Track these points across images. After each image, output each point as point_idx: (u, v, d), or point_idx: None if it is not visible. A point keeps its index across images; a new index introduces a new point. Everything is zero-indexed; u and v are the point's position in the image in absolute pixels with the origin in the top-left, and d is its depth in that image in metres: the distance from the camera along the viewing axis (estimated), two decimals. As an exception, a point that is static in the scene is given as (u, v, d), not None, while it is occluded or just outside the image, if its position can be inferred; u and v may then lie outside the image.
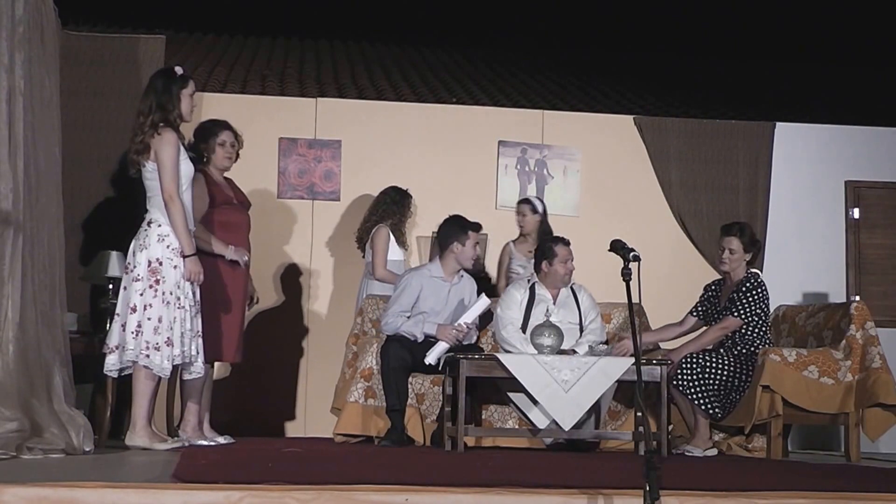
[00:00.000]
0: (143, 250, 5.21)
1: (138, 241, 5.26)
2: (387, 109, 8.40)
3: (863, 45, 16.28)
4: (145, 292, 5.17)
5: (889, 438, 6.82)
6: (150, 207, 5.31)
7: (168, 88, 5.34)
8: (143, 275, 5.18)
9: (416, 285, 6.45)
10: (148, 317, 5.15)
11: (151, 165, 5.25)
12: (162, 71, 5.58)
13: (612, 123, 8.52)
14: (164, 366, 5.15)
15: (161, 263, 5.18)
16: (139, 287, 5.18)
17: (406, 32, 14.77)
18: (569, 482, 3.52)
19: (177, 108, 5.33)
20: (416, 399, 6.34)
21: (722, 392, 6.14)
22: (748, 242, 6.36)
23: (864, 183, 8.57)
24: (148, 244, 5.21)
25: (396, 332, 6.32)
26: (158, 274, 5.18)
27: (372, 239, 7.13)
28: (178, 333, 5.17)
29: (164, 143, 5.23)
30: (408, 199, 7.32)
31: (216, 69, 10.10)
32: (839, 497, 3.46)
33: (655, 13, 18.26)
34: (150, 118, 5.27)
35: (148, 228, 5.25)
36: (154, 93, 5.35)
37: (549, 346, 5.98)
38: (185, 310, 5.21)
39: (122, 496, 3.08)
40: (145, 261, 5.19)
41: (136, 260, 5.21)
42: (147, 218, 5.29)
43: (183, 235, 5.21)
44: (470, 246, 6.48)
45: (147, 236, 5.23)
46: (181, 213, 5.20)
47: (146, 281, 5.17)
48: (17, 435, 4.32)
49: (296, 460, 4.51)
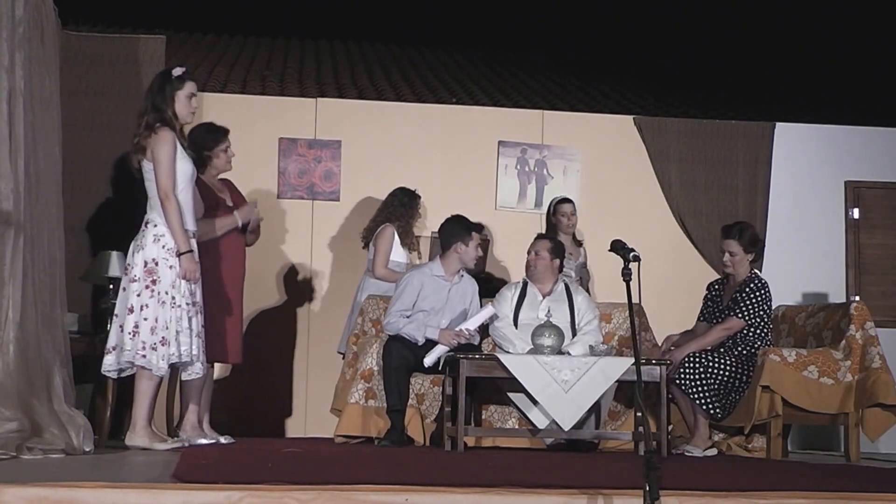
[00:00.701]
0: (139, 251, 5.22)
1: (136, 241, 5.27)
2: (387, 109, 8.40)
3: (863, 45, 16.29)
4: (142, 293, 5.17)
5: (889, 438, 6.82)
6: (148, 207, 5.32)
7: (162, 88, 5.35)
8: (139, 275, 5.19)
9: (416, 283, 6.45)
10: (144, 317, 5.15)
11: (147, 165, 5.26)
12: (162, 72, 5.59)
13: (612, 124, 8.52)
14: (160, 365, 5.15)
15: (157, 263, 5.18)
16: (136, 288, 5.18)
17: (406, 32, 14.78)
18: (569, 482, 3.52)
19: (170, 108, 5.33)
20: (416, 399, 6.34)
21: (722, 392, 6.14)
22: (748, 244, 6.36)
23: (864, 183, 8.57)
24: (144, 244, 5.22)
25: (398, 332, 6.32)
26: (154, 274, 5.18)
27: (376, 237, 7.14)
28: (174, 332, 5.16)
29: (159, 141, 5.23)
30: (416, 200, 7.31)
31: (216, 69, 10.11)
32: (839, 497, 3.46)
33: (655, 13, 18.27)
34: (145, 118, 5.29)
35: (145, 229, 5.26)
36: (150, 93, 5.37)
37: (549, 346, 5.98)
38: (181, 308, 5.19)
39: (122, 496, 3.08)
40: (141, 261, 5.20)
41: (134, 261, 5.22)
42: (145, 219, 5.30)
43: (178, 233, 5.19)
44: (473, 246, 6.50)
45: (143, 237, 5.24)
46: (176, 211, 5.19)
47: (142, 281, 5.18)
48: (17, 435, 4.32)
49: (296, 460, 4.51)
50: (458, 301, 6.54)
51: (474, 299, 6.58)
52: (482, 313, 6.36)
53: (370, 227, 7.25)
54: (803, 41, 16.68)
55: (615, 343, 6.76)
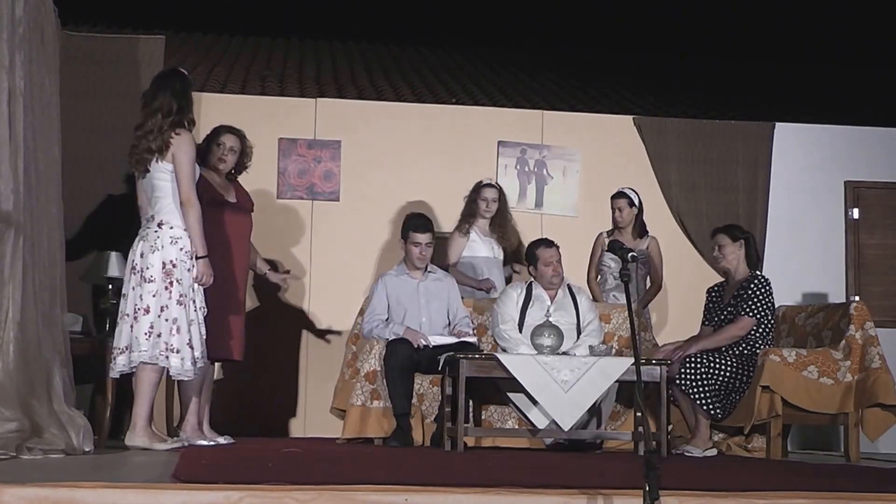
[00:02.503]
0: (155, 252, 5.20)
1: (147, 241, 5.24)
2: (386, 110, 8.40)
3: (863, 45, 16.29)
4: (160, 294, 5.18)
5: (889, 438, 6.82)
6: (158, 208, 5.29)
7: (185, 91, 5.39)
8: (156, 276, 5.18)
9: (381, 288, 6.58)
10: (165, 318, 5.17)
11: (166, 165, 5.26)
12: (177, 72, 5.57)
13: (612, 124, 8.52)
14: (185, 368, 5.19)
15: (175, 266, 5.21)
16: (152, 288, 5.18)
17: (406, 32, 14.78)
18: (568, 482, 3.52)
19: (191, 111, 5.38)
20: (417, 399, 6.34)
21: (723, 392, 6.14)
22: (736, 233, 6.39)
23: (864, 183, 8.57)
24: (160, 245, 5.21)
25: (370, 336, 6.38)
26: (173, 276, 5.20)
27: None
28: (197, 335, 5.23)
29: (183, 144, 5.26)
30: (475, 191, 7.32)
31: (216, 69, 10.10)
32: (839, 497, 3.46)
33: (655, 13, 18.28)
34: (170, 119, 5.29)
35: (159, 230, 5.24)
36: (173, 94, 5.34)
37: (548, 346, 5.98)
38: (198, 311, 5.26)
39: (122, 496, 3.08)
40: (159, 262, 5.19)
41: (148, 261, 5.20)
42: (156, 219, 5.27)
43: (197, 238, 5.23)
44: (411, 245, 6.55)
45: (159, 238, 5.23)
46: (198, 216, 5.24)
47: (160, 282, 5.19)
48: (16, 435, 4.32)
49: (296, 460, 4.51)
50: (435, 297, 6.57)
51: (455, 298, 6.62)
52: (453, 339, 6.36)
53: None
54: (803, 41, 16.68)
55: (615, 343, 6.76)
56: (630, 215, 7.30)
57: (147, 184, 5.37)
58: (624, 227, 7.32)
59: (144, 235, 5.28)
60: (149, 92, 5.46)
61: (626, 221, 7.30)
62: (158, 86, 5.43)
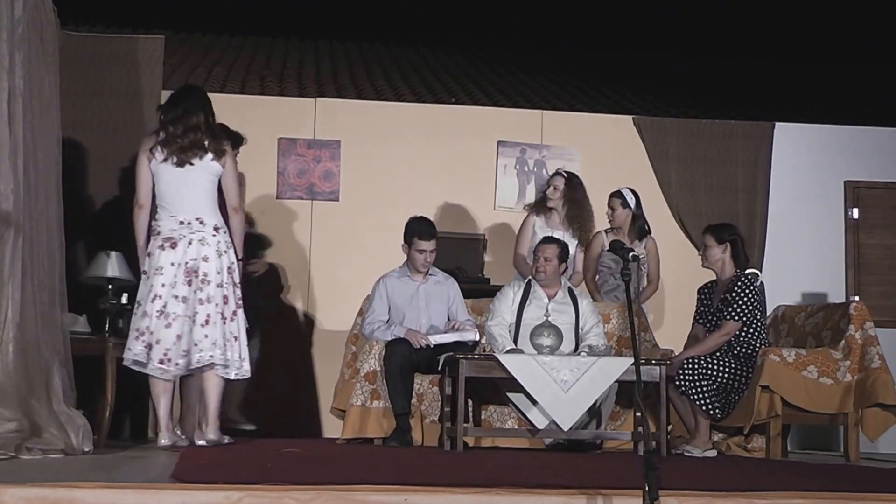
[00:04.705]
0: (220, 256, 5.37)
1: (209, 246, 5.34)
2: (386, 109, 8.40)
3: (863, 45, 16.30)
4: (230, 299, 5.37)
5: (888, 438, 6.81)
6: (203, 210, 5.40)
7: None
8: (224, 281, 5.36)
9: (381, 289, 6.55)
10: (236, 323, 5.38)
11: (213, 167, 5.40)
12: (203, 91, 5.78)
13: (612, 124, 8.52)
14: (245, 369, 5.43)
15: (231, 271, 5.41)
16: (225, 293, 5.34)
17: (405, 33, 14.79)
18: (568, 482, 3.52)
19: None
20: (416, 399, 6.33)
21: (722, 393, 6.13)
22: (721, 237, 6.33)
23: (864, 183, 8.57)
24: (223, 250, 5.38)
25: (371, 338, 6.37)
26: (235, 280, 5.42)
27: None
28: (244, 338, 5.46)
29: (231, 156, 5.52)
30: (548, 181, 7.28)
31: (215, 69, 10.11)
32: (838, 497, 3.46)
33: (655, 13, 18.28)
34: (218, 127, 5.53)
35: (216, 234, 5.38)
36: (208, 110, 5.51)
37: (548, 346, 5.98)
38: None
39: (121, 496, 3.08)
40: (224, 266, 5.37)
41: (215, 265, 5.32)
42: (207, 222, 5.38)
43: (241, 242, 5.52)
44: (415, 251, 6.49)
45: (219, 242, 5.39)
46: (244, 222, 5.63)
47: (230, 287, 5.38)
48: (16, 435, 4.32)
49: (295, 460, 4.51)
50: (435, 300, 6.55)
51: (456, 300, 6.60)
52: (456, 335, 6.36)
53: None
54: (803, 41, 16.69)
55: (614, 343, 6.75)
56: (623, 215, 7.14)
57: (176, 175, 5.39)
58: (619, 228, 7.18)
59: (201, 238, 5.35)
60: (180, 95, 5.60)
61: (618, 222, 7.14)
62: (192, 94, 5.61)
